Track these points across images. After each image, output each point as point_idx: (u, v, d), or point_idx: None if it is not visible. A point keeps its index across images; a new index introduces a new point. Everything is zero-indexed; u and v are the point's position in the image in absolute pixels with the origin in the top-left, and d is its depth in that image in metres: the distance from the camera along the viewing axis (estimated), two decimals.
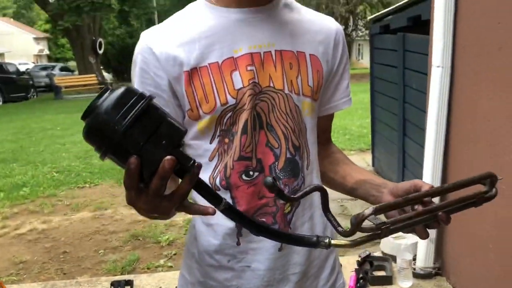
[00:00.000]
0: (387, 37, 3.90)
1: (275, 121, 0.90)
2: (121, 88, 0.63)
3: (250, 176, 0.90)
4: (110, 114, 0.60)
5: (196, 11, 0.92)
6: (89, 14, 18.38)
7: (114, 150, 0.62)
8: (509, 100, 1.72)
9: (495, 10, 1.79)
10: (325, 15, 1.02)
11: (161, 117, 0.62)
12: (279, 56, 0.90)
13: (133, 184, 0.63)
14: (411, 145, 3.40)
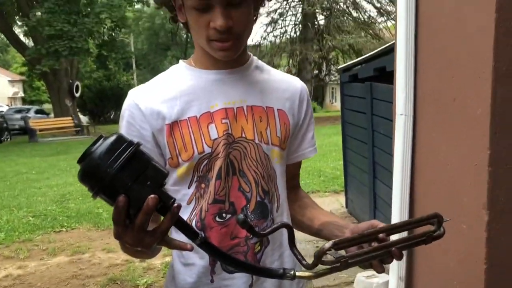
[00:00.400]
0: (356, 85, 4.14)
1: (247, 167, 1.02)
2: (113, 136, 0.72)
3: (223, 218, 1.01)
4: (103, 159, 0.69)
5: (178, 72, 1.06)
6: (67, 58, 18.48)
7: (105, 190, 0.71)
8: (463, 147, 1.86)
9: (449, 66, 1.93)
10: (292, 76, 1.17)
11: (147, 161, 0.72)
12: (250, 111, 1.03)
13: (120, 220, 0.72)
14: (381, 187, 3.56)
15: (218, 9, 0.91)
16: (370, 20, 22.17)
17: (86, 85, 26.98)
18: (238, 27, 0.95)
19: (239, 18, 0.94)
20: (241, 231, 1.01)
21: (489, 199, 1.71)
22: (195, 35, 1.00)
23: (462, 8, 1.78)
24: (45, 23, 16.73)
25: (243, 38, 0.99)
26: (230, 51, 0.97)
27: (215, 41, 0.95)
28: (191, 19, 0.96)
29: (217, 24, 0.91)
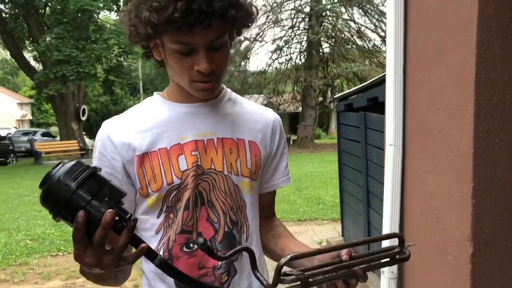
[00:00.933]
0: (351, 115, 4.21)
1: (215, 198, 1.04)
2: (73, 160, 0.77)
3: (191, 248, 1.03)
4: (61, 180, 0.73)
5: (152, 104, 1.10)
6: (74, 83, 18.76)
7: (65, 209, 0.74)
8: (449, 178, 1.89)
9: (435, 98, 1.98)
10: (265, 107, 1.21)
11: (104, 180, 0.77)
12: (220, 143, 1.06)
13: (81, 237, 0.74)
14: (375, 217, 3.58)
15: (202, 53, 0.94)
16: (375, 49, 22.43)
17: (92, 109, 27.33)
18: (219, 69, 0.99)
19: (220, 60, 0.98)
20: (208, 261, 1.03)
21: (473, 231, 1.72)
22: (175, 75, 1.03)
23: (446, 42, 1.84)
24: (54, 48, 17.05)
25: (221, 77, 1.03)
26: (210, 91, 1.01)
27: (197, 82, 0.99)
28: (173, 61, 0.98)
29: (201, 67, 0.95)
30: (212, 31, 0.93)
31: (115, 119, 1.09)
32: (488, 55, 1.63)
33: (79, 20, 17.71)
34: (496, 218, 1.72)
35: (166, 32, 0.93)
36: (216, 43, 0.96)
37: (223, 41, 0.98)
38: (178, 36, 0.93)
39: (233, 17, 0.95)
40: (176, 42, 0.94)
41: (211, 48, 0.96)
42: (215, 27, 0.93)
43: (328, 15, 22.00)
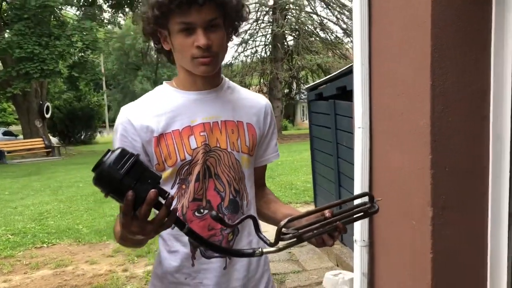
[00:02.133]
0: (321, 103, 4.42)
1: (221, 172, 1.24)
2: (118, 149, 0.91)
3: (201, 213, 1.22)
4: (112, 167, 0.88)
5: (163, 92, 1.29)
6: (38, 80, 18.18)
7: (115, 191, 0.89)
8: (411, 153, 2.06)
9: (397, 85, 2.13)
10: (258, 94, 1.42)
11: (145, 166, 0.93)
12: (224, 125, 1.26)
13: (129, 211, 0.89)
14: (346, 195, 3.84)
15: (199, 31, 1.13)
16: (337, 41, 22.72)
17: (56, 106, 26.60)
18: (216, 46, 1.16)
19: (216, 39, 1.16)
20: (217, 224, 1.19)
21: (432, 198, 1.92)
22: (180, 57, 1.20)
23: (406, 35, 2.02)
24: (16, 45, 16.47)
25: (219, 57, 1.20)
26: (209, 66, 1.17)
27: (197, 58, 1.15)
28: (177, 42, 1.16)
29: (200, 43, 1.13)
30: (206, 11, 1.12)
31: (132, 104, 1.26)
32: (441, 47, 1.82)
33: (40, 16, 17.14)
34: (451, 186, 1.92)
35: (170, 13, 1.12)
36: (211, 23, 1.14)
37: (218, 23, 1.16)
38: (180, 17, 1.12)
39: (224, 1, 1.15)
40: (179, 23, 1.13)
41: (208, 28, 1.14)
42: (209, 8, 1.12)
43: (292, 8, 22.11)
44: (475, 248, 2.01)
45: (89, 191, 8.62)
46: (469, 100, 1.90)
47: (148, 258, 4.36)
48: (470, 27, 1.85)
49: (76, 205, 7.37)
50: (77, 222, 5.94)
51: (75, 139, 27.49)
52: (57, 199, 8.04)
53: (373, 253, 2.71)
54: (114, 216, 6.26)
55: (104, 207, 7.02)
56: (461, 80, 1.87)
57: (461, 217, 1.96)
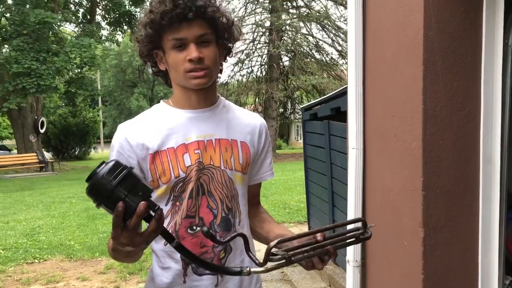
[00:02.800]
0: (316, 123, 4.44)
1: (214, 189, 1.25)
2: (112, 161, 0.93)
3: (194, 230, 1.23)
4: (105, 178, 0.90)
5: (160, 110, 1.31)
6: (35, 95, 18.17)
7: (107, 201, 0.91)
8: (402, 175, 2.09)
9: (390, 107, 2.16)
10: (253, 113, 1.43)
11: (138, 179, 0.95)
12: (218, 143, 1.27)
13: (119, 222, 0.91)
14: (339, 215, 3.85)
15: (191, 45, 1.17)
16: (332, 62, 22.90)
17: (51, 121, 26.55)
18: (208, 60, 1.19)
19: (208, 53, 1.20)
20: (209, 241, 1.19)
21: (423, 218, 1.95)
22: (174, 73, 1.23)
23: (399, 59, 2.06)
24: (13, 60, 16.50)
25: (212, 71, 1.22)
26: (202, 78, 1.20)
27: (190, 72, 1.18)
28: (171, 59, 1.20)
29: (192, 56, 1.16)
30: (196, 27, 1.17)
31: (129, 122, 1.29)
32: (432, 71, 1.87)
33: (39, 32, 17.22)
34: (442, 207, 1.95)
35: (162, 30, 1.18)
36: (202, 38, 1.18)
37: (209, 39, 1.20)
38: (172, 33, 1.17)
39: (213, 17, 1.20)
40: (171, 39, 1.18)
41: (199, 43, 1.18)
42: (199, 24, 1.18)
43: (288, 30, 22.35)
44: (466, 268, 2.04)
45: (82, 207, 8.57)
46: (460, 123, 1.94)
47: (140, 276, 4.33)
48: (461, 53, 1.91)
49: (68, 220, 7.32)
50: (69, 238, 5.90)
51: (69, 155, 27.37)
52: (50, 214, 7.98)
53: (365, 273, 2.71)
54: (107, 233, 6.24)
55: (97, 223, 6.98)
56: (452, 103, 1.92)
57: (452, 238, 1.98)
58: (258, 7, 22.38)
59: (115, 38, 26.01)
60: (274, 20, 21.27)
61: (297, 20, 22.15)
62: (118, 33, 25.85)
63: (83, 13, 24.30)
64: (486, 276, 2.01)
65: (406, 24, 2.01)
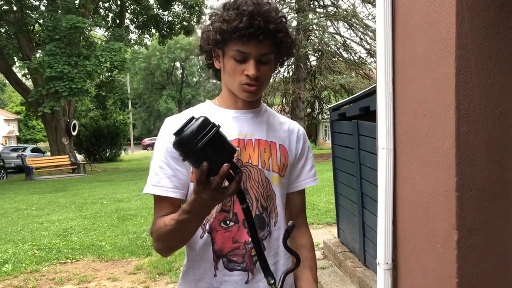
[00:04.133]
0: (344, 123, 4.41)
1: (250, 187, 1.27)
2: (201, 118, 0.99)
3: (227, 224, 1.26)
4: (192, 137, 0.96)
5: (205, 108, 1.36)
6: (67, 99, 18.62)
7: (193, 158, 0.96)
8: (435, 176, 2.04)
9: (421, 106, 2.12)
10: (292, 120, 1.45)
11: (224, 138, 0.99)
12: (257, 143, 1.31)
13: (203, 179, 0.96)
14: (369, 216, 3.80)
15: (252, 62, 1.22)
16: (360, 61, 22.65)
17: (82, 124, 27.16)
18: (263, 78, 1.26)
19: (265, 72, 1.26)
20: (241, 237, 1.25)
21: (457, 220, 1.90)
22: (229, 79, 1.28)
23: (430, 56, 2.02)
24: (47, 65, 16.94)
25: (263, 86, 1.29)
26: (253, 94, 1.26)
27: (244, 85, 1.24)
28: (229, 66, 1.25)
29: (250, 73, 1.22)
30: (263, 46, 1.22)
31: (176, 116, 1.34)
32: (465, 68, 1.82)
33: (70, 37, 17.65)
34: (477, 208, 1.90)
35: (230, 39, 1.22)
36: (264, 57, 1.24)
37: (269, 58, 1.26)
38: (238, 45, 1.21)
39: (281, 41, 1.25)
40: (236, 50, 1.22)
41: (260, 61, 1.23)
42: (266, 44, 1.22)
43: (315, 29, 22.26)
44: (503, 272, 1.97)
45: (113, 208, 8.72)
46: (495, 122, 1.88)
47: (169, 276, 4.37)
48: (496, 48, 1.84)
49: (99, 221, 7.46)
50: (100, 238, 6.01)
51: (100, 157, 27.95)
52: (82, 215, 8.15)
53: (396, 276, 2.67)
54: (137, 233, 6.32)
55: (127, 224, 7.08)
56: (487, 101, 1.86)
57: (488, 241, 1.92)
58: (284, 7, 22.32)
59: (144, 42, 26.42)
60: (301, 19, 21.22)
61: (324, 19, 22.01)
62: (146, 37, 26.25)
63: (112, 17, 24.78)
64: None
65: (437, 20, 1.96)
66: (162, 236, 1.20)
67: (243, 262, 1.25)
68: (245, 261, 1.26)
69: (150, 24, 24.44)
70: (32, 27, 20.38)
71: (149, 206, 8.13)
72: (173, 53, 48.98)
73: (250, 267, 1.27)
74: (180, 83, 52.85)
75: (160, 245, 1.25)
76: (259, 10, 1.19)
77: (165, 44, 28.93)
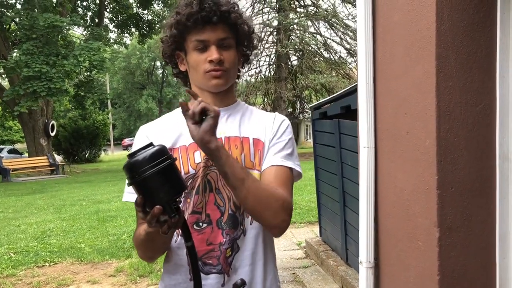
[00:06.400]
0: (325, 122, 4.42)
1: (222, 186, 1.25)
2: (157, 146, 0.97)
3: (200, 227, 1.24)
4: (143, 162, 0.94)
5: (177, 112, 1.34)
6: (45, 99, 18.34)
7: (136, 186, 0.94)
8: (416, 173, 2.05)
9: (402, 104, 2.13)
10: (270, 113, 1.39)
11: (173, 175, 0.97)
12: (227, 140, 1.28)
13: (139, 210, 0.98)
14: (351, 215, 3.81)
15: (213, 47, 1.24)
16: (341, 61, 22.84)
17: (61, 124, 26.76)
18: (227, 63, 1.26)
19: (228, 56, 1.26)
20: (216, 238, 1.23)
21: (438, 218, 1.91)
22: (194, 73, 1.29)
23: (410, 55, 2.03)
24: (24, 64, 16.64)
25: (230, 73, 1.29)
26: (220, 79, 1.26)
27: (209, 72, 1.24)
28: (192, 59, 1.26)
29: (212, 57, 1.23)
30: (219, 30, 1.24)
31: (150, 123, 1.38)
32: (446, 67, 1.83)
33: (48, 36, 17.37)
34: (458, 206, 1.91)
35: (186, 31, 1.24)
36: (224, 42, 1.26)
37: (229, 43, 1.27)
38: (195, 35, 1.24)
39: (236, 23, 1.27)
40: (194, 40, 1.24)
41: (220, 46, 1.25)
42: (222, 28, 1.25)
43: (296, 29, 22.33)
44: (484, 269, 1.99)
45: (92, 209, 8.61)
46: (475, 119, 1.89)
47: (150, 278, 4.32)
48: (475, 47, 1.86)
49: (79, 223, 7.35)
50: (79, 241, 5.91)
51: (79, 158, 27.58)
52: (60, 217, 8.02)
53: (378, 274, 2.67)
54: (117, 235, 6.24)
55: (107, 225, 7.00)
56: (466, 99, 1.87)
57: (469, 238, 1.94)
58: (265, 7, 22.36)
59: (123, 41, 26.16)
60: (281, 19, 21.29)
61: (305, 19, 22.12)
62: (126, 36, 26.00)
63: (91, 16, 24.48)
64: (504, 277, 1.97)
65: (417, 19, 1.98)
66: (138, 245, 1.22)
67: (218, 264, 1.24)
68: (220, 263, 1.25)
69: (129, 23, 24.22)
70: (7, 25, 19.98)
71: (130, 207, 8.04)
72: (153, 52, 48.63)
73: (226, 268, 1.25)
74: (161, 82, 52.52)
75: (140, 253, 1.28)
76: None
77: (145, 43, 28.69)
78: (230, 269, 1.25)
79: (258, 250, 1.27)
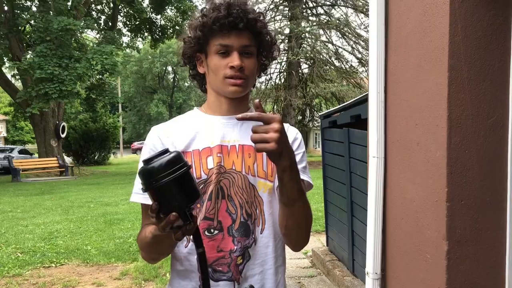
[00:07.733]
0: (335, 131, 4.40)
1: (234, 194, 1.26)
2: (174, 153, 0.96)
3: (211, 233, 1.24)
4: (159, 169, 0.93)
5: (191, 115, 1.36)
6: (57, 100, 18.47)
7: (151, 192, 0.93)
8: (425, 185, 2.02)
9: (413, 115, 2.11)
10: (287, 124, 1.38)
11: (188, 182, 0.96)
12: (241, 148, 1.29)
13: (153, 215, 0.97)
14: (359, 225, 3.78)
15: (235, 53, 1.24)
16: (352, 70, 22.81)
17: (71, 126, 26.95)
18: (247, 70, 1.26)
19: (249, 64, 1.26)
20: (226, 245, 1.23)
21: (447, 231, 1.89)
22: (213, 77, 1.28)
23: (422, 66, 2.01)
24: (37, 66, 16.78)
25: (249, 81, 1.29)
26: (239, 87, 1.26)
27: (229, 78, 1.25)
28: (213, 63, 1.26)
29: (234, 63, 1.23)
30: (244, 37, 1.25)
31: (162, 124, 1.37)
32: (458, 78, 1.81)
33: (62, 38, 17.53)
34: (467, 219, 1.88)
35: (211, 33, 1.25)
36: (246, 49, 1.26)
37: (252, 51, 1.28)
38: (219, 39, 1.24)
39: (261, 32, 1.28)
40: (217, 44, 1.24)
41: (242, 53, 1.25)
42: (247, 35, 1.25)
43: (307, 37, 22.37)
44: (493, 284, 1.96)
45: (100, 212, 8.63)
46: (487, 132, 1.87)
47: (155, 282, 4.31)
48: (488, 58, 1.84)
49: (86, 225, 7.38)
50: (86, 242, 5.93)
51: (88, 160, 27.73)
52: (68, 218, 8.06)
53: (385, 286, 2.65)
54: (123, 238, 6.25)
55: (114, 228, 7.01)
56: (479, 112, 1.85)
57: (478, 252, 1.91)
58: (277, 15, 22.43)
59: (136, 45, 26.35)
60: (293, 27, 21.31)
61: (317, 28, 22.14)
62: (138, 40, 26.19)
63: (104, 20, 24.70)
64: None
65: (430, 30, 1.96)
66: (143, 247, 1.21)
67: (229, 272, 1.24)
68: (231, 270, 1.24)
69: (142, 28, 24.40)
70: (23, 27, 20.22)
71: (137, 210, 8.06)
72: (165, 57, 48.99)
73: (236, 276, 1.24)
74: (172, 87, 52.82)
75: (143, 254, 1.27)
76: (236, 2, 1.24)
77: (157, 48, 28.85)
78: (240, 277, 1.25)
79: (268, 259, 1.28)
